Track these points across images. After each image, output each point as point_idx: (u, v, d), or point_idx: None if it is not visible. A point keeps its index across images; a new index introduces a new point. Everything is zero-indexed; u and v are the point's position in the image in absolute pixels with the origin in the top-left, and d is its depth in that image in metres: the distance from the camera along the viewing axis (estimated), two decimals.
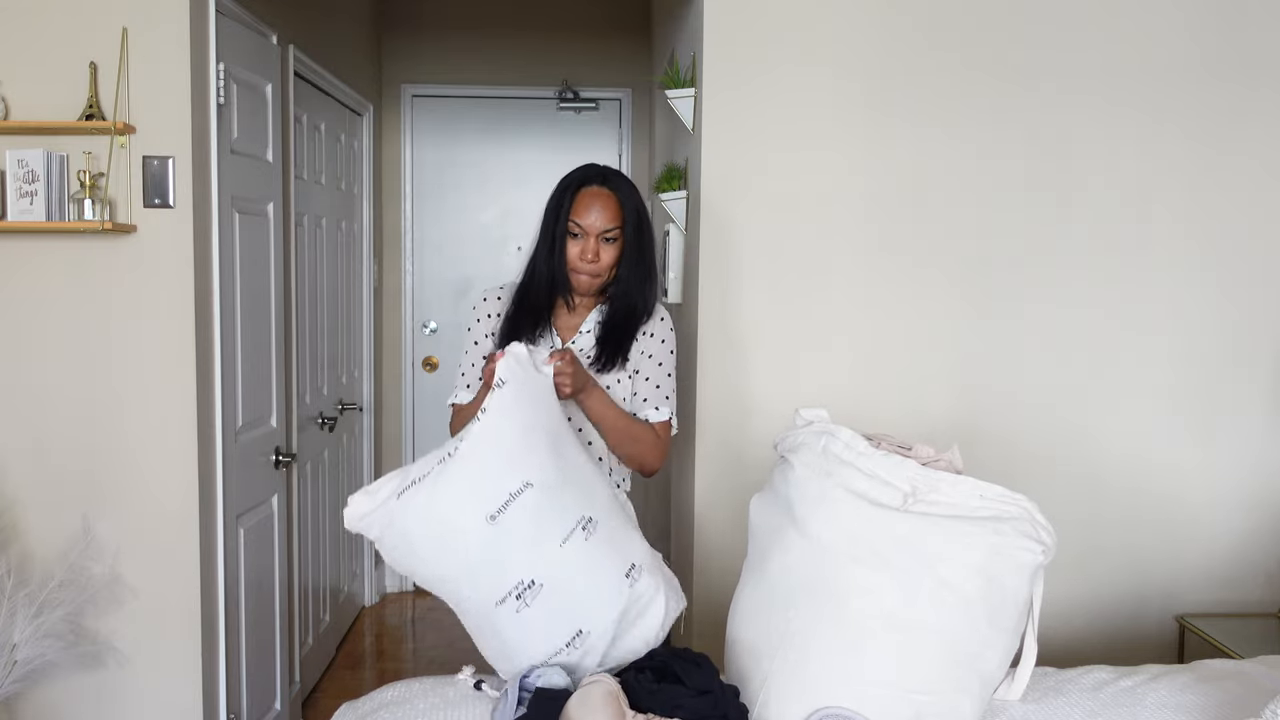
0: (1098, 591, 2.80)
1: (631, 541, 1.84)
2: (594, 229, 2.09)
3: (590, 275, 2.11)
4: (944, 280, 2.73)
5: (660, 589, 1.81)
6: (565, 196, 2.11)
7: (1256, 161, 2.75)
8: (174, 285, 2.51)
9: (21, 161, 2.39)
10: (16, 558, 2.48)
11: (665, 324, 2.20)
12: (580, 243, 2.10)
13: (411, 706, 1.82)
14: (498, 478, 1.71)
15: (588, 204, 2.10)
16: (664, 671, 1.71)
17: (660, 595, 1.81)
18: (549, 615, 1.73)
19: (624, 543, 1.82)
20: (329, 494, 3.91)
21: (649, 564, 1.83)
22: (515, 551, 1.71)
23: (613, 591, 1.75)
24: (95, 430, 2.53)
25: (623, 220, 2.11)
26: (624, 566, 1.77)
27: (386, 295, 4.75)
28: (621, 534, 1.83)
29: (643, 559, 1.82)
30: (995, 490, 1.75)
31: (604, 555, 1.77)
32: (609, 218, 2.09)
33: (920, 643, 1.67)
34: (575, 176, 2.14)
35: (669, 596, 1.83)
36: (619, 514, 1.88)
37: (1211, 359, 2.78)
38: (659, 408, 2.14)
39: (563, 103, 4.73)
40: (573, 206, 2.10)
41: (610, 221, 2.09)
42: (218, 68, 2.61)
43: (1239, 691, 1.87)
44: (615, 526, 1.82)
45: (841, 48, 2.68)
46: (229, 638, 2.74)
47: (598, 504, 1.82)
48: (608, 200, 2.10)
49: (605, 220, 2.09)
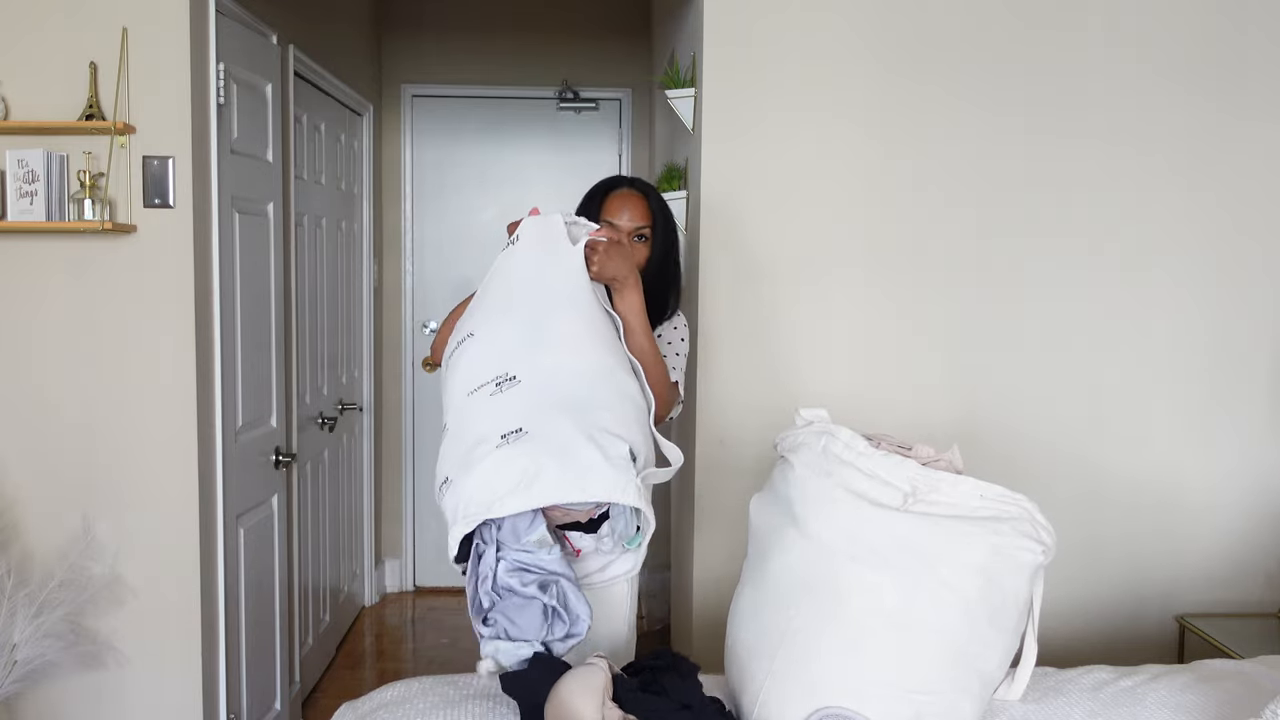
0: (1098, 591, 2.80)
1: (553, 422, 1.74)
2: (626, 227, 2.15)
3: None
4: (944, 280, 2.73)
5: (545, 465, 1.71)
6: (595, 200, 2.19)
7: (1256, 162, 2.75)
8: (174, 285, 2.51)
9: (21, 161, 2.39)
10: (16, 558, 2.48)
11: (683, 320, 2.30)
12: None
13: (411, 706, 1.82)
14: (464, 321, 1.93)
15: (619, 204, 2.17)
16: (650, 679, 1.73)
17: (544, 471, 1.70)
18: (442, 455, 1.84)
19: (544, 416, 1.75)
20: (329, 494, 3.91)
21: (546, 443, 1.73)
22: (447, 393, 1.90)
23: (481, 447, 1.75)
24: (95, 430, 2.53)
25: (653, 221, 2.18)
26: (507, 429, 1.73)
27: (386, 295, 4.75)
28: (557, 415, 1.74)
29: (535, 429, 1.72)
30: (995, 490, 1.75)
31: (494, 413, 1.75)
32: (639, 216, 2.17)
33: (920, 643, 1.67)
34: (603, 183, 2.23)
35: (562, 478, 1.70)
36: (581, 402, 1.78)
37: (1211, 359, 2.78)
38: (672, 370, 2.18)
39: (563, 103, 4.72)
40: (604, 208, 2.17)
41: (641, 219, 2.17)
42: (218, 68, 2.61)
43: (1239, 691, 1.87)
44: (556, 404, 1.76)
45: (841, 48, 2.68)
46: (229, 638, 2.74)
47: (543, 376, 1.79)
48: (638, 201, 2.18)
49: (637, 218, 2.16)
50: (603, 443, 1.73)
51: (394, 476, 4.81)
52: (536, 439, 1.71)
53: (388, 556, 4.83)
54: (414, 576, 4.90)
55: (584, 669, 1.68)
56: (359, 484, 4.43)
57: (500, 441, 1.72)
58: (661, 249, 2.19)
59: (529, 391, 1.77)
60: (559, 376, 1.79)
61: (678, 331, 2.27)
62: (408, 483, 4.84)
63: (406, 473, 4.83)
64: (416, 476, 4.84)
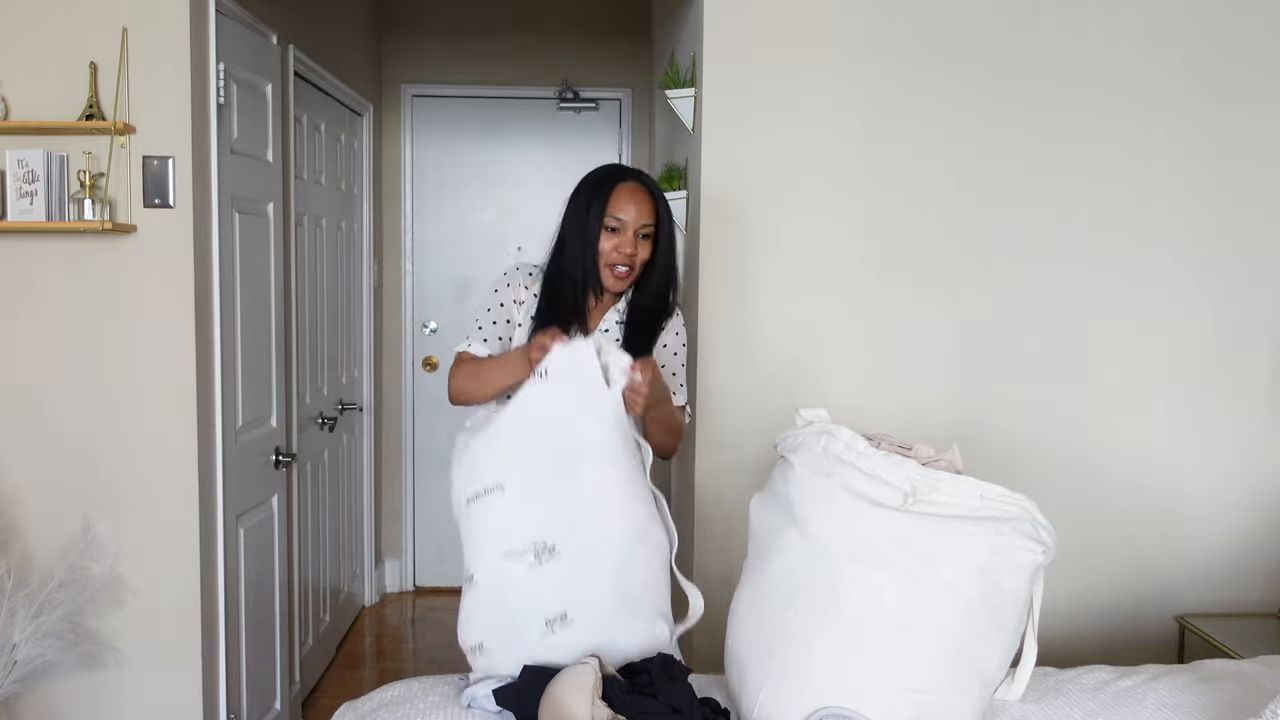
0: (1098, 591, 2.80)
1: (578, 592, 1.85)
2: (633, 224, 2.09)
3: (626, 269, 2.11)
4: (944, 280, 2.73)
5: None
6: (601, 190, 2.11)
7: (1256, 161, 2.75)
8: (174, 285, 2.51)
9: (21, 161, 2.39)
10: (16, 558, 2.48)
11: (683, 324, 2.26)
12: (617, 237, 2.09)
13: (411, 706, 1.83)
14: (490, 462, 1.90)
15: (627, 199, 2.10)
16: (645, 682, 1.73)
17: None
18: (473, 613, 1.94)
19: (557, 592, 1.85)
20: (329, 494, 3.91)
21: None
22: (475, 543, 1.93)
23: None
24: (95, 430, 2.53)
25: (657, 219, 2.12)
26: (551, 614, 1.84)
27: (386, 295, 4.75)
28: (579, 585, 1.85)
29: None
30: (995, 490, 1.75)
31: (535, 589, 1.85)
32: (646, 213, 2.10)
33: (920, 642, 1.67)
34: (608, 172, 2.15)
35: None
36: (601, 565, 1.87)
37: (1211, 359, 2.78)
38: (675, 393, 2.20)
39: (563, 103, 4.72)
40: (610, 200, 2.09)
41: (647, 217, 2.10)
42: (218, 68, 2.61)
43: (1239, 691, 1.88)
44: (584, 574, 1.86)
45: (841, 49, 2.68)
46: (229, 638, 2.74)
47: (576, 535, 1.86)
48: (644, 197, 2.12)
49: (643, 215, 2.10)
50: (643, 616, 1.89)
51: (394, 476, 4.81)
52: (580, 627, 1.84)
53: (388, 556, 4.83)
54: (414, 576, 4.89)
55: (575, 668, 1.69)
56: (359, 484, 4.43)
57: (545, 629, 1.84)
58: (666, 246, 2.15)
59: (568, 567, 1.85)
60: (597, 551, 1.86)
61: (679, 337, 2.23)
62: (408, 483, 4.84)
63: (406, 473, 4.83)
64: (416, 477, 4.84)
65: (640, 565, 1.89)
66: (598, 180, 2.14)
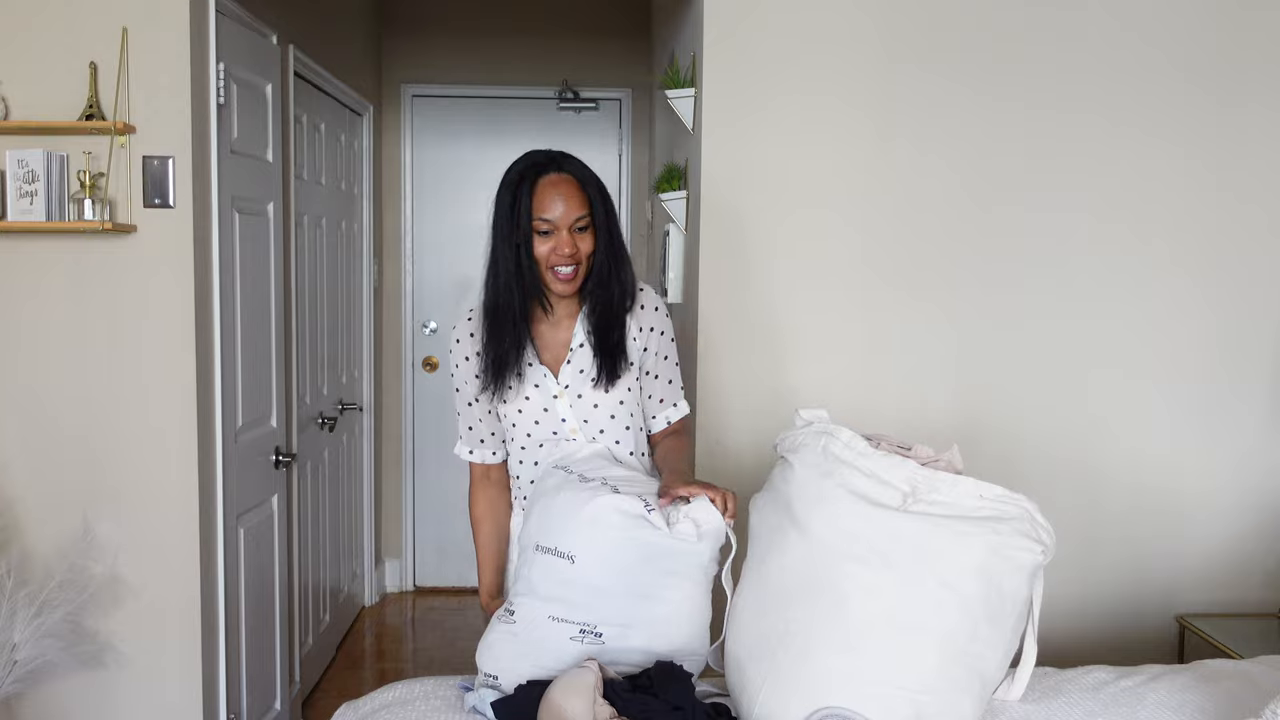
0: (1098, 591, 2.80)
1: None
2: (564, 221, 1.90)
3: (569, 272, 1.93)
4: (944, 280, 2.73)
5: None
6: (521, 191, 1.90)
7: (1257, 161, 2.75)
8: (174, 285, 2.51)
9: (21, 161, 2.39)
10: (16, 558, 2.48)
11: (661, 313, 2.06)
12: (551, 239, 1.91)
13: (412, 707, 1.83)
14: (562, 529, 1.84)
15: (550, 195, 1.90)
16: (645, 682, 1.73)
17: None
18: (497, 642, 1.87)
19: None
20: (329, 494, 3.91)
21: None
22: (522, 581, 1.89)
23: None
24: (95, 430, 2.53)
25: (591, 206, 1.93)
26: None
27: (386, 295, 4.75)
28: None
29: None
30: (995, 490, 1.75)
31: (571, 657, 1.81)
32: (576, 205, 1.91)
33: (920, 643, 1.67)
34: (523, 167, 1.94)
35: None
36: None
37: (1211, 359, 2.78)
38: (677, 404, 2.11)
39: (563, 103, 4.72)
40: (534, 201, 1.90)
41: (579, 209, 1.91)
42: (218, 68, 2.61)
43: (1239, 691, 1.87)
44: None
45: (841, 49, 2.68)
46: (229, 638, 2.74)
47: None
48: (570, 186, 1.92)
49: (574, 208, 1.90)
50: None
51: (394, 476, 4.81)
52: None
53: (388, 556, 4.83)
54: (414, 576, 4.89)
55: (573, 671, 1.68)
56: (359, 484, 4.43)
57: None
58: (605, 230, 1.94)
59: (607, 654, 1.81)
60: (642, 651, 1.82)
61: (659, 334, 2.05)
62: (408, 483, 4.84)
63: (406, 473, 4.83)
64: (416, 476, 4.84)
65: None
66: (517, 178, 1.93)
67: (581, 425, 2.02)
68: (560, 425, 2.02)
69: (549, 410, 2.01)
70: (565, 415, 2.02)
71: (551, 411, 2.01)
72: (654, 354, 2.07)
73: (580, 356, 2.01)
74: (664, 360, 2.08)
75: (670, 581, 1.82)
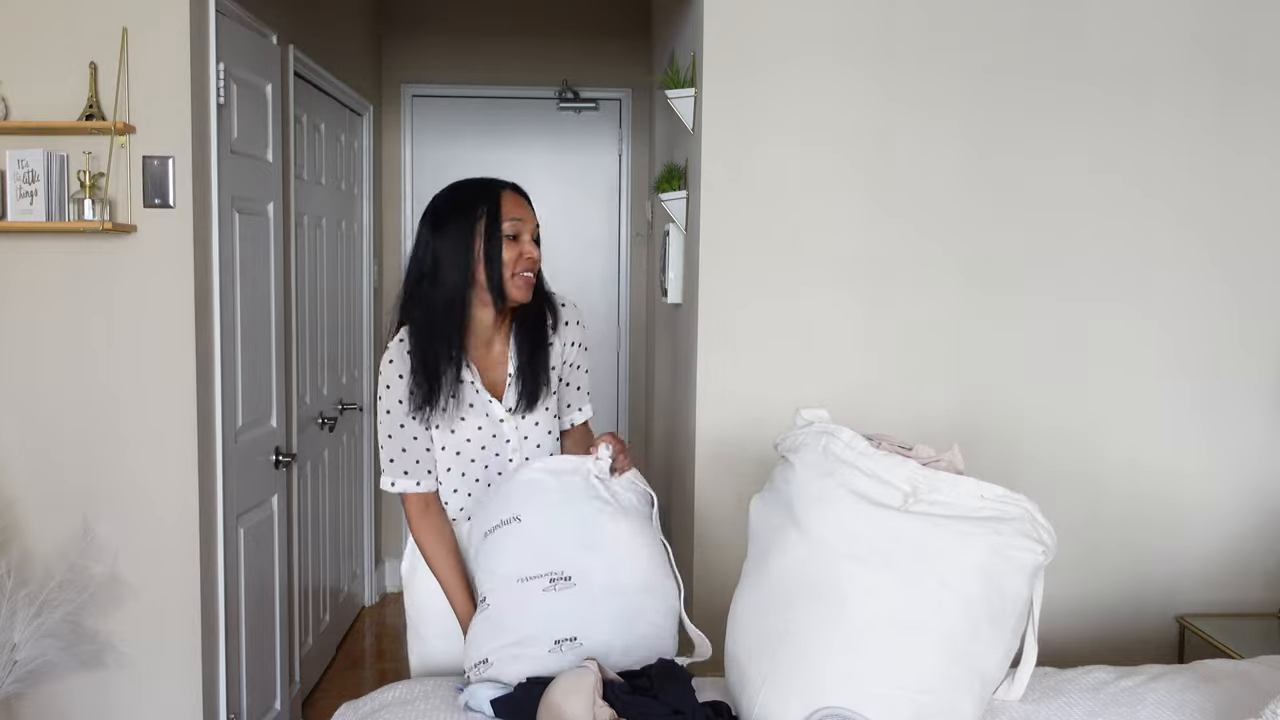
0: (1098, 591, 2.80)
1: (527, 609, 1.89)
2: (528, 227, 2.01)
3: (531, 276, 2.01)
4: (945, 279, 2.73)
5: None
6: (485, 203, 1.98)
7: (1258, 160, 2.75)
8: (174, 285, 2.51)
9: (21, 161, 2.39)
10: (16, 558, 2.48)
11: (581, 328, 2.17)
12: (517, 246, 1.99)
13: (412, 707, 1.82)
14: (505, 501, 1.97)
15: (514, 203, 2.01)
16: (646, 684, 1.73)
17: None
18: (480, 632, 1.94)
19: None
20: (329, 494, 3.90)
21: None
22: (487, 570, 1.96)
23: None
24: (95, 430, 2.53)
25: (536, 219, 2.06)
26: (561, 634, 1.87)
27: (386, 295, 4.75)
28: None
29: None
30: (995, 490, 1.75)
31: (548, 613, 1.88)
32: (532, 215, 2.03)
33: (920, 643, 1.67)
34: (476, 187, 2.02)
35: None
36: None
37: (1212, 359, 2.78)
38: (582, 408, 2.24)
39: (563, 103, 4.72)
40: (501, 208, 1.98)
41: (533, 218, 2.04)
42: (218, 68, 2.61)
43: (1239, 691, 1.87)
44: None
45: (841, 48, 2.68)
46: (229, 638, 2.74)
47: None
48: (524, 200, 2.04)
49: (531, 218, 2.03)
50: (649, 655, 1.89)
51: None
52: (588, 651, 1.84)
53: (388, 556, 4.83)
54: None
55: (573, 671, 1.69)
56: (359, 484, 4.43)
57: (554, 646, 1.84)
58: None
59: (582, 599, 1.87)
60: (607, 597, 1.88)
61: (586, 350, 2.18)
62: None
63: None
64: None
65: (648, 611, 1.92)
66: (472, 195, 2.01)
67: (521, 442, 2.09)
68: (504, 447, 2.08)
69: (496, 436, 2.07)
70: (510, 436, 2.07)
71: (499, 436, 2.07)
72: (572, 365, 2.18)
73: (518, 379, 2.07)
74: (580, 370, 2.20)
75: (611, 524, 1.92)
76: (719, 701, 1.80)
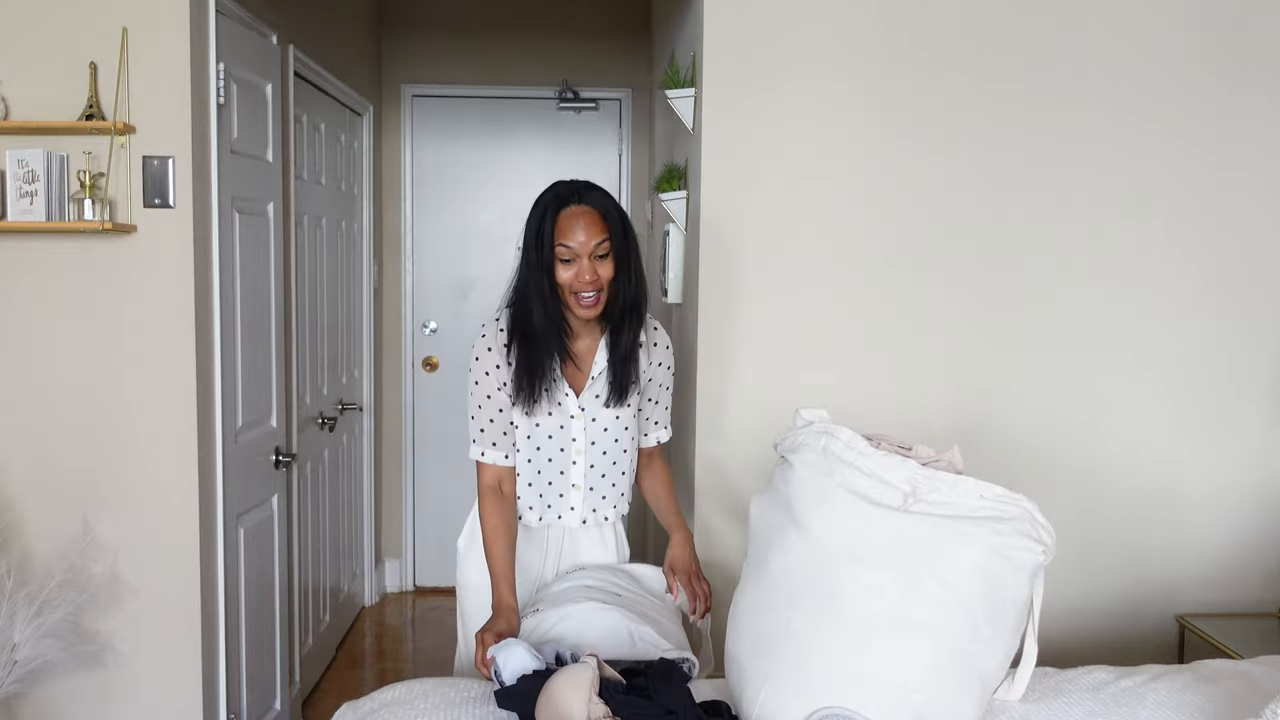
0: (1098, 591, 2.80)
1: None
2: (584, 249, 2.01)
3: (592, 298, 2.04)
4: (944, 279, 2.73)
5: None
6: (545, 221, 2.03)
7: (1258, 161, 2.75)
8: (174, 285, 2.51)
9: (21, 161, 2.39)
10: (16, 558, 2.48)
11: (670, 351, 2.27)
12: (573, 266, 2.02)
13: (412, 707, 1.83)
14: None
15: (571, 225, 2.02)
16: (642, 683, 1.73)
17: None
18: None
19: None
20: (329, 494, 3.91)
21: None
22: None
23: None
24: (95, 430, 2.53)
25: (610, 231, 2.04)
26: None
27: (386, 295, 4.75)
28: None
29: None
30: (995, 490, 1.75)
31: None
32: (596, 232, 2.02)
33: (920, 643, 1.67)
34: (549, 198, 2.06)
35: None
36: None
37: (1211, 359, 2.78)
38: (667, 427, 2.33)
39: (563, 103, 4.72)
40: (555, 229, 2.02)
41: (600, 233, 2.02)
42: (218, 68, 2.61)
43: (1239, 691, 1.88)
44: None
45: (841, 48, 2.68)
46: (229, 638, 2.74)
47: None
48: (590, 216, 2.03)
49: (594, 235, 2.02)
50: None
51: (394, 476, 4.81)
52: (624, 603, 2.10)
53: (388, 556, 4.83)
54: (414, 576, 4.89)
55: (574, 667, 1.70)
56: (359, 484, 4.43)
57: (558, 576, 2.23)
58: (624, 254, 2.07)
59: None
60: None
61: (671, 371, 2.29)
62: (408, 483, 4.83)
63: (406, 473, 4.83)
64: (416, 477, 4.84)
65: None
66: (543, 208, 2.05)
67: (589, 446, 2.16)
68: (570, 444, 2.15)
69: (564, 428, 2.14)
70: (577, 435, 2.14)
71: (566, 429, 2.14)
72: (658, 384, 2.27)
73: (600, 382, 2.15)
74: (665, 390, 2.29)
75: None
76: (718, 701, 1.80)
